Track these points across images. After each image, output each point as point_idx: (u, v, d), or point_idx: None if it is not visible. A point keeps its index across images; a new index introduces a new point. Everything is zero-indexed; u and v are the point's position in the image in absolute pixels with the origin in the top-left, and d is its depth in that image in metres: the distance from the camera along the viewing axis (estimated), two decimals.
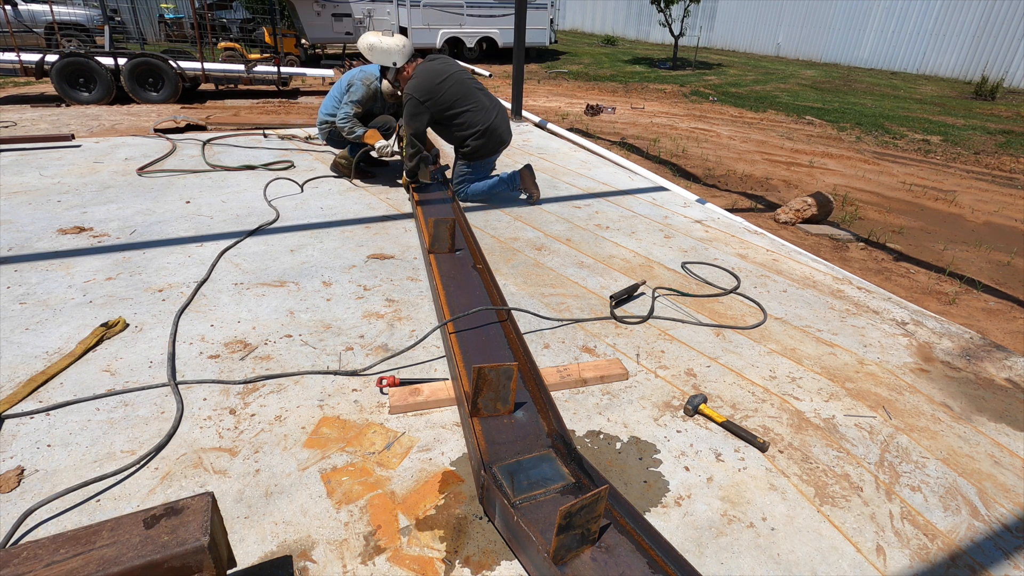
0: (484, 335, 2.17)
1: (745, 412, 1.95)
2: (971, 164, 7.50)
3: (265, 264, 2.84)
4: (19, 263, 2.73)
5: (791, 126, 9.32)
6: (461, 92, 3.61)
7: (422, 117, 3.57)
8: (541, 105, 10.16)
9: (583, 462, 1.52)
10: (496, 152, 3.86)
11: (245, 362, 2.07)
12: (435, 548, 1.42)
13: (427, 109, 3.56)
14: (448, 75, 3.58)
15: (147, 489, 1.53)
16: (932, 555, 1.47)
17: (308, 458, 1.67)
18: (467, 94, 3.63)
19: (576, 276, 2.89)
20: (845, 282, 3.00)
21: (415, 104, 3.53)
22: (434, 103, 3.55)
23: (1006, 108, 11.99)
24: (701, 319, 2.54)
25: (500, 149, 3.87)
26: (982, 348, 2.44)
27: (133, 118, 7.31)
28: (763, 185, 6.02)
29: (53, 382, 1.91)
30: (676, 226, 3.67)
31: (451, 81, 3.58)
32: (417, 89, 3.52)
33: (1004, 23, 14.83)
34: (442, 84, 3.55)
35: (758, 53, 21.56)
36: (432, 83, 3.53)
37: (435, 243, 2.85)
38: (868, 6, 17.64)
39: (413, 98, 3.53)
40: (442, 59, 3.68)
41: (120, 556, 1.02)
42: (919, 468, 1.75)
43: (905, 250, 4.46)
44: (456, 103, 3.59)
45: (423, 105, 3.54)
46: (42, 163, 4.25)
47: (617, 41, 24.12)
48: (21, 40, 10.44)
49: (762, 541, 1.48)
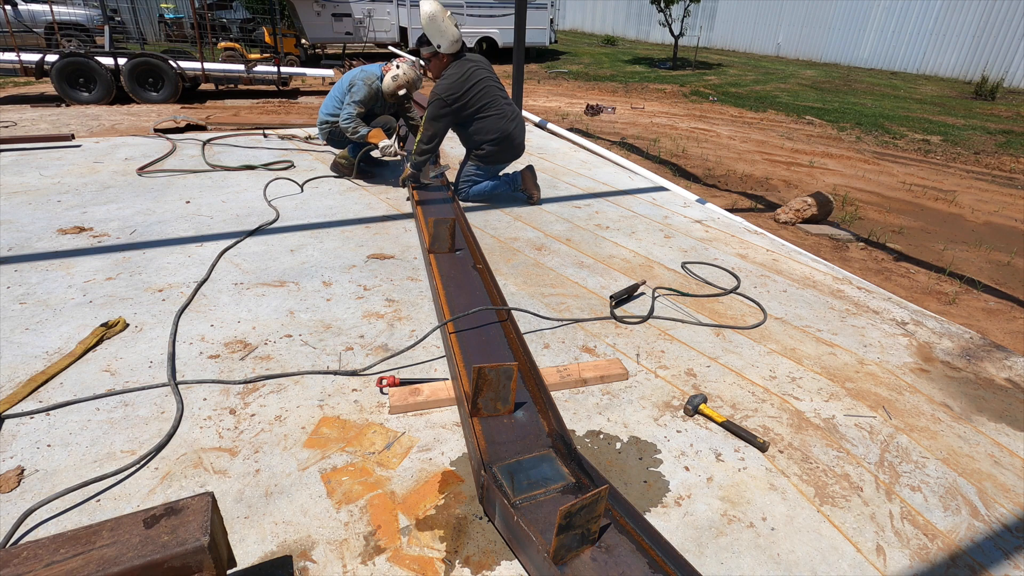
0: (484, 335, 2.17)
1: (745, 412, 1.95)
2: (971, 164, 7.50)
3: (265, 264, 2.84)
4: (19, 263, 2.73)
5: (791, 126, 9.32)
6: (488, 98, 3.60)
7: (445, 120, 3.56)
8: (541, 105, 10.16)
9: (583, 462, 1.52)
10: (508, 162, 3.87)
11: (245, 362, 2.07)
12: (435, 548, 1.42)
13: (452, 112, 3.54)
14: (478, 80, 3.57)
15: (147, 489, 1.53)
16: (932, 555, 1.47)
17: (308, 458, 1.67)
18: (492, 101, 3.62)
19: (576, 276, 2.89)
20: (845, 282, 3.00)
21: (440, 105, 3.51)
22: (460, 107, 3.55)
23: (1006, 108, 11.99)
24: (701, 319, 2.54)
25: (512, 160, 3.88)
26: (982, 348, 2.44)
27: (133, 118, 7.31)
28: (763, 185, 6.03)
29: (53, 382, 1.92)
30: (676, 226, 3.67)
31: (480, 87, 3.57)
32: (446, 90, 3.50)
33: (1004, 23, 14.82)
34: (471, 89, 3.54)
35: (758, 53, 21.56)
36: (462, 87, 3.52)
37: (435, 243, 2.85)
38: (868, 6, 17.63)
39: (440, 99, 3.50)
40: (475, 62, 3.64)
41: (120, 556, 1.02)
42: (919, 468, 1.75)
43: (905, 250, 4.46)
44: (481, 109, 3.59)
45: (449, 108, 3.52)
46: (42, 163, 4.25)
47: (617, 41, 24.12)
48: (21, 40, 10.43)
49: (762, 541, 1.48)
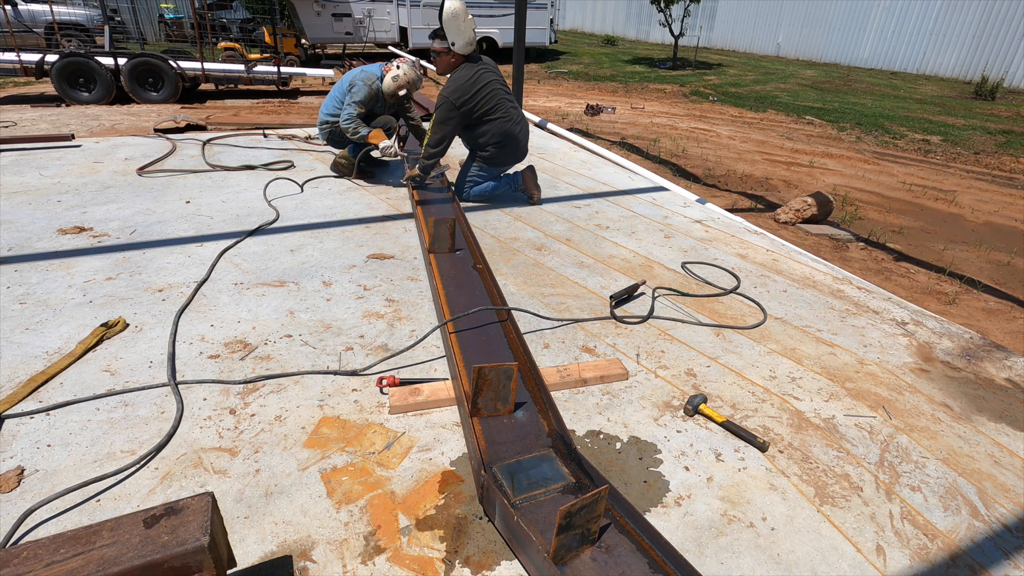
0: (484, 335, 2.17)
1: (745, 412, 1.95)
2: (971, 164, 7.50)
3: (265, 264, 2.84)
4: (19, 263, 2.73)
5: (791, 126, 9.32)
6: (494, 101, 3.63)
7: (453, 123, 3.58)
8: (541, 105, 10.16)
9: (583, 462, 1.52)
10: (511, 164, 3.89)
11: (245, 362, 2.07)
12: (435, 548, 1.42)
13: (460, 115, 3.56)
14: (486, 83, 3.60)
15: (147, 489, 1.53)
16: (932, 555, 1.47)
17: (308, 458, 1.67)
18: (499, 104, 3.65)
19: (576, 276, 2.89)
20: (845, 282, 3.00)
21: (449, 108, 3.53)
22: (468, 110, 3.57)
23: (1006, 108, 11.99)
24: (701, 319, 2.54)
25: (515, 163, 3.90)
26: (982, 348, 2.44)
27: (133, 118, 7.31)
28: (763, 185, 6.03)
29: (53, 382, 1.91)
30: (676, 226, 3.67)
31: (488, 90, 3.60)
32: (454, 93, 3.53)
33: (1004, 23, 14.82)
34: (479, 92, 3.56)
35: (758, 53, 21.56)
36: (470, 90, 3.54)
37: (435, 243, 2.85)
38: (868, 6, 17.63)
39: (448, 101, 3.52)
40: (484, 65, 3.66)
41: (120, 556, 1.02)
42: (919, 468, 1.75)
43: (905, 250, 4.46)
44: (488, 112, 3.62)
45: (457, 111, 3.54)
46: (42, 163, 4.25)
47: (617, 41, 24.12)
48: (21, 40, 10.43)
49: (762, 541, 1.48)
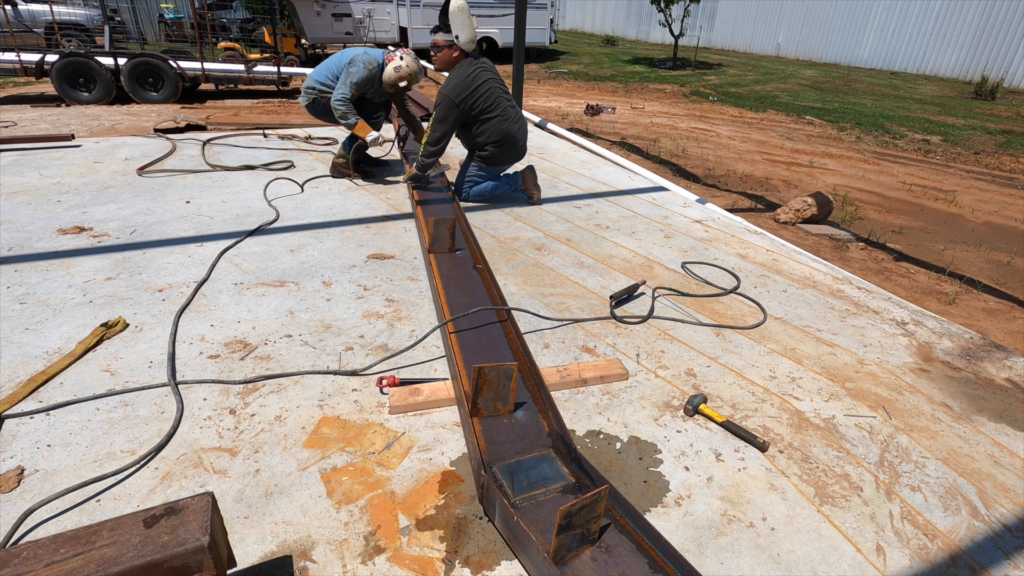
0: (484, 335, 2.17)
1: (745, 412, 1.95)
2: (971, 164, 7.51)
3: (265, 264, 2.84)
4: (19, 263, 2.73)
5: (791, 126, 9.32)
6: (492, 100, 3.64)
7: (452, 120, 3.59)
8: (541, 105, 10.16)
9: (583, 462, 1.52)
10: (510, 164, 3.89)
11: (245, 362, 2.07)
12: (435, 548, 1.42)
13: (459, 113, 3.58)
14: (483, 81, 3.61)
15: (147, 489, 1.53)
16: (932, 555, 1.47)
17: (308, 458, 1.67)
18: (497, 103, 3.66)
19: (576, 276, 2.89)
20: (845, 282, 3.00)
21: (449, 106, 3.54)
22: (467, 108, 3.58)
23: (1006, 108, 11.99)
24: (701, 319, 2.54)
25: (514, 162, 3.90)
26: (982, 348, 2.44)
27: (133, 118, 7.31)
28: (763, 185, 6.03)
29: (53, 382, 1.91)
30: (676, 226, 3.67)
31: (485, 88, 3.61)
32: (453, 90, 3.54)
33: (1004, 23, 14.83)
34: (477, 90, 3.58)
35: (758, 53, 21.56)
36: (469, 87, 3.55)
37: (435, 243, 2.85)
38: (868, 6, 17.64)
39: (448, 99, 3.54)
40: (482, 64, 3.68)
41: (120, 556, 1.02)
42: (919, 468, 1.75)
43: (905, 250, 4.46)
44: (485, 110, 3.63)
45: (456, 108, 3.55)
46: (42, 163, 4.25)
47: (617, 41, 24.12)
48: (21, 40, 10.43)
49: (762, 541, 1.48)
